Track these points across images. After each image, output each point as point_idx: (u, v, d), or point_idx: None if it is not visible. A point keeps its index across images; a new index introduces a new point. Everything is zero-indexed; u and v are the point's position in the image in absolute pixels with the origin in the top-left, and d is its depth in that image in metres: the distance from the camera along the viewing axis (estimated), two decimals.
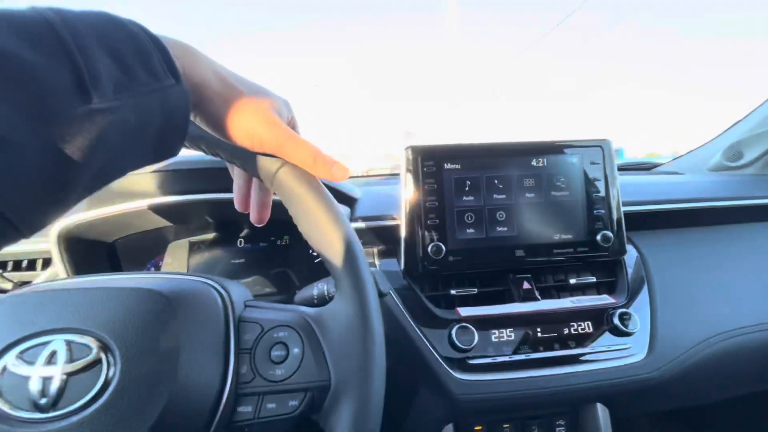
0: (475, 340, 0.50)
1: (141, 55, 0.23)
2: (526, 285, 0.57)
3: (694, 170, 1.09)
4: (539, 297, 0.56)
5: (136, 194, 0.57)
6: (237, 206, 0.40)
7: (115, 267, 0.65)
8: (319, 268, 0.65)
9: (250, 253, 0.71)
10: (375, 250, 0.62)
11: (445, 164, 0.57)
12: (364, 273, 0.32)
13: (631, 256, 0.63)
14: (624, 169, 1.23)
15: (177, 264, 0.69)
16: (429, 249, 0.55)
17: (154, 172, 0.55)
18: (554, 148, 0.60)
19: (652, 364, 0.52)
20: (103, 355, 0.26)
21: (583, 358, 0.52)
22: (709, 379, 0.59)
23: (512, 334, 0.53)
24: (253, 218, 0.40)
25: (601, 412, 0.56)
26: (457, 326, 0.51)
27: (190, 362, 0.27)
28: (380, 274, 0.42)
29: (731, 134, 1.02)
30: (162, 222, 0.63)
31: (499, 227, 0.58)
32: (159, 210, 0.59)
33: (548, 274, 0.61)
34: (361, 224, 0.60)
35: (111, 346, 0.26)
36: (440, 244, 0.55)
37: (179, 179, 0.57)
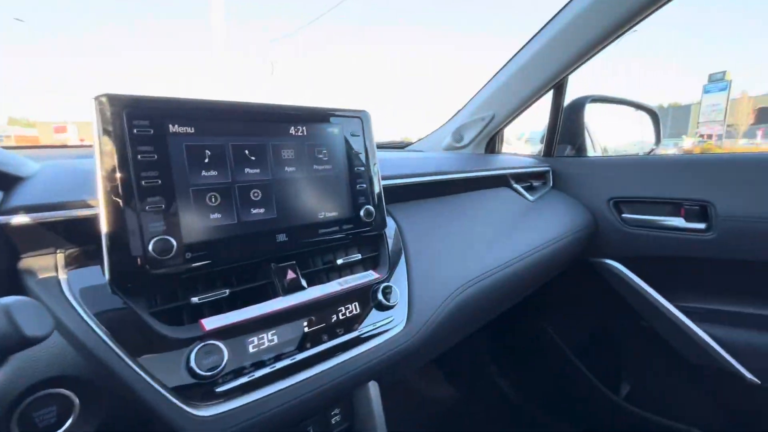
0: (225, 359, 0.38)
1: None
2: (290, 274, 0.49)
3: (432, 149, 1.29)
4: (305, 285, 0.49)
5: None
6: None
7: None
8: None
9: None
10: (60, 255, 0.40)
11: (171, 126, 0.41)
12: None
13: (390, 228, 0.65)
14: (380, 147, 1.35)
15: None
16: (150, 246, 0.38)
17: None
18: (314, 116, 0.53)
19: (411, 330, 0.55)
20: None
21: (352, 343, 0.49)
22: (456, 327, 0.68)
23: (275, 337, 0.44)
24: None
25: (373, 388, 0.56)
26: (197, 347, 0.38)
27: None
28: (26, 308, 0.24)
29: (455, 121, 1.25)
30: None
31: (254, 209, 0.47)
32: None
33: (315, 256, 0.55)
34: (23, 218, 0.37)
35: None
36: (169, 238, 0.39)
37: None
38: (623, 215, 1.07)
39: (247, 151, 0.46)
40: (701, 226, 0.94)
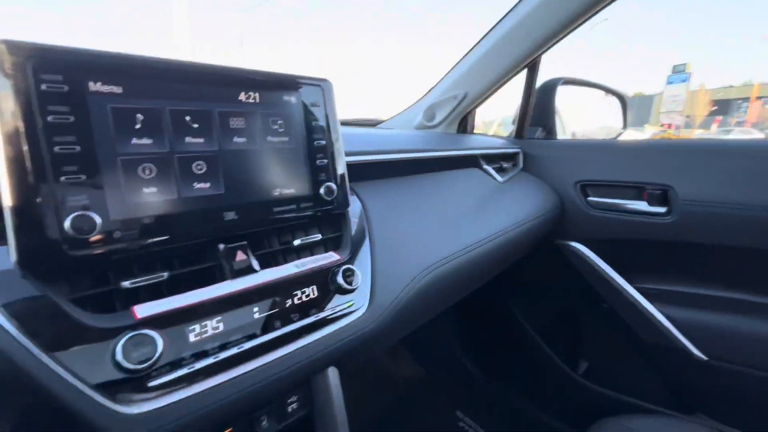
0: (159, 350, 0.34)
1: None
2: (240, 255, 0.45)
3: (404, 128, 1.25)
4: (258, 268, 0.45)
5: None
6: None
7: None
8: None
9: None
10: None
11: (92, 83, 0.35)
12: None
13: (354, 207, 0.61)
14: (350, 124, 1.30)
15: None
16: (68, 224, 0.33)
17: None
18: (269, 82, 0.48)
19: (372, 315, 0.52)
20: None
21: (309, 329, 0.46)
22: (421, 310, 0.66)
23: (220, 324, 0.40)
24: None
25: (332, 373, 0.53)
26: (127, 336, 0.33)
27: None
28: None
29: (427, 99, 1.22)
30: None
31: (198, 183, 0.42)
32: None
33: (271, 236, 0.51)
34: None
35: None
36: (91, 214, 0.34)
37: None
38: (589, 198, 1.08)
39: (188, 118, 0.41)
40: (662, 210, 0.96)
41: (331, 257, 0.52)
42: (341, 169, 0.55)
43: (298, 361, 0.44)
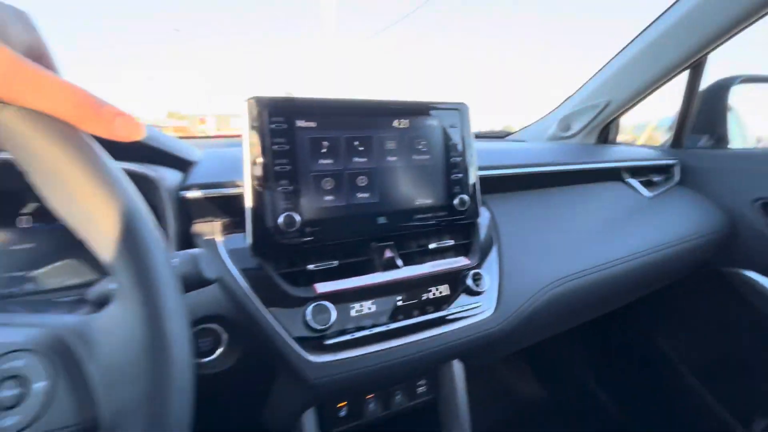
0: (332, 318, 0.46)
1: None
2: (388, 253, 0.55)
3: (535, 139, 1.23)
4: (401, 264, 0.54)
5: None
6: None
7: None
8: None
9: (41, 235, 0.53)
10: (218, 223, 0.51)
11: (298, 121, 0.49)
12: (155, 259, 0.23)
13: (484, 217, 0.66)
14: (480, 137, 1.34)
15: None
16: (280, 220, 0.47)
17: None
18: (416, 109, 0.57)
19: (498, 318, 0.56)
20: None
21: (440, 321, 0.53)
22: (547, 321, 0.67)
23: (373, 306, 0.50)
24: None
25: (457, 366, 0.59)
26: (312, 305, 0.46)
27: None
28: (205, 257, 0.33)
29: (563, 109, 1.17)
30: None
31: (360, 194, 0.53)
32: None
33: (410, 239, 0.60)
34: (197, 193, 0.49)
35: None
36: (293, 214, 0.48)
37: None
38: None
39: (356, 143, 0.53)
40: None
41: (461, 261, 0.58)
42: (473, 182, 0.61)
43: (430, 347, 0.52)
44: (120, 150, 0.28)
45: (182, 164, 0.53)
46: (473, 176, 0.61)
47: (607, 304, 0.82)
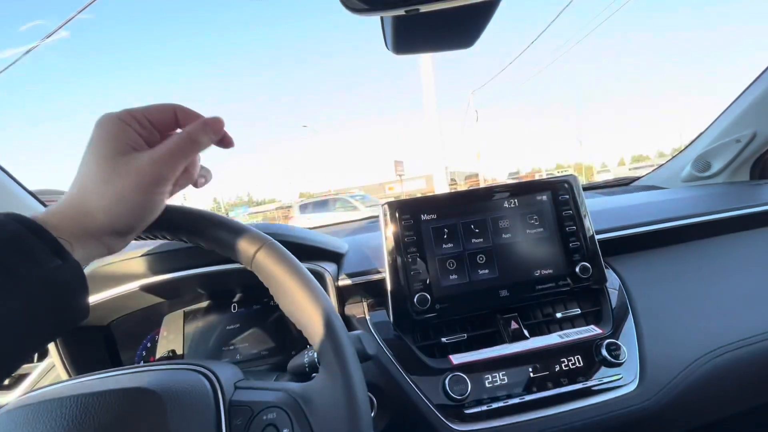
0: (469, 389, 0.51)
1: (13, 244, 0.24)
2: (514, 324, 0.58)
3: (667, 182, 1.13)
4: (528, 335, 0.57)
5: (127, 277, 0.59)
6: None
7: (111, 348, 0.66)
8: None
9: (244, 317, 0.72)
10: (365, 303, 0.63)
11: (422, 215, 0.60)
12: (345, 347, 0.33)
13: (613, 282, 0.65)
14: (603, 187, 1.27)
15: (173, 336, 0.70)
16: (415, 300, 0.56)
17: (143, 255, 0.58)
18: (524, 189, 0.63)
19: (645, 393, 0.53)
20: None
21: (576, 394, 0.53)
22: (708, 399, 0.59)
23: (505, 377, 0.53)
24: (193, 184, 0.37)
25: None
26: (450, 375, 0.52)
27: None
28: (366, 337, 0.43)
29: (697, 146, 1.07)
30: (155, 299, 0.65)
31: (480, 270, 0.60)
32: (151, 289, 0.61)
33: (535, 309, 0.62)
34: (348, 281, 0.62)
35: None
36: (425, 294, 0.57)
37: (167, 259, 0.59)
38: None
39: (472, 226, 0.61)
40: None
41: (592, 330, 0.58)
42: (593, 248, 0.62)
43: (571, 421, 0.52)
44: (299, 253, 0.41)
45: (336, 257, 0.67)
46: (591, 242, 0.62)
47: None
